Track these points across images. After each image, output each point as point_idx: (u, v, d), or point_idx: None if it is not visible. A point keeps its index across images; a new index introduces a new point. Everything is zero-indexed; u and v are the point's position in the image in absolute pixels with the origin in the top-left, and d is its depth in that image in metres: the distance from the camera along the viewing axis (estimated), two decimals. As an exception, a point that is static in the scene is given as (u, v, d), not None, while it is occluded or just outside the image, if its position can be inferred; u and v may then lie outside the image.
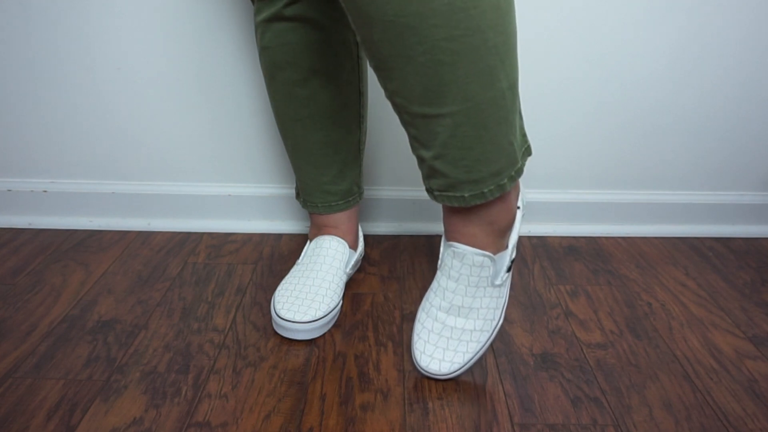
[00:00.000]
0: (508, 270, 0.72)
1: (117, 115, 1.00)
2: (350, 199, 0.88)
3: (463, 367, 0.69)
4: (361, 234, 0.95)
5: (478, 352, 0.70)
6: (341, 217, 0.88)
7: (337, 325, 0.80)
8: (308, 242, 0.89)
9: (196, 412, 0.64)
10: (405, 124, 0.67)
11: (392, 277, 0.92)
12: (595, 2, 0.93)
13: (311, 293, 0.79)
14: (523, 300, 0.87)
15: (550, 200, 1.06)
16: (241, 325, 0.79)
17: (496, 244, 0.71)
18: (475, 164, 0.64)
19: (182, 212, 1.05)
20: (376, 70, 0.63)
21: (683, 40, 0.96)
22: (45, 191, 1.04)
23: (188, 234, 1.04)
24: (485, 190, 0.66)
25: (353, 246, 0.89)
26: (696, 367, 0.74)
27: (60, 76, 0.97)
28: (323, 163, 0.84)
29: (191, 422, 0.63)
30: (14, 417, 0.63)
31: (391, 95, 0.65)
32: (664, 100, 1.00)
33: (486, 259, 0.69)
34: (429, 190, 0.70)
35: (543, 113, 1.01)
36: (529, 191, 1.06)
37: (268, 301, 0.85)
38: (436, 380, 0.70)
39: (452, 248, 0.70)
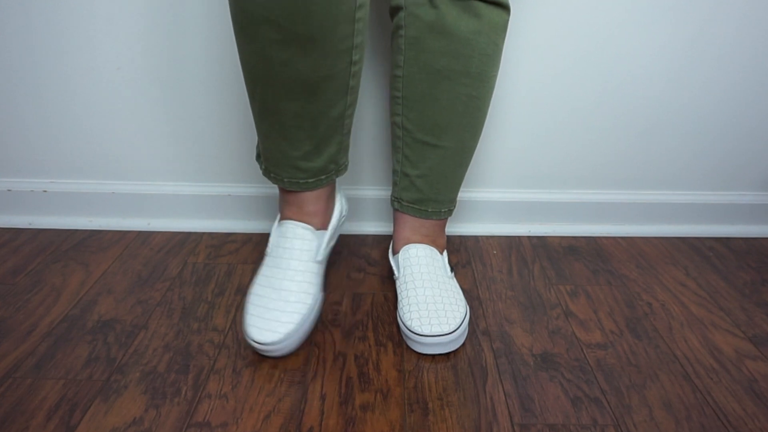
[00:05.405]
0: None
1: (117, 115, 1.00)
2: (323, 177, 0.75)
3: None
4: (343, 200, 0.85)
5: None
6: (308, 197, 0.76)
7: (337, 325, 0.80)
8: (277, 219, 0.81)
9: (196, 412, 0.64)
10: (403, 145, 0.80)
11: (392, 277, 0.92)
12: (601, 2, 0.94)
13: (281, 301, 0.73)
14: (523, 300, 0.87)
15: (550, 200, 1.06)
16: (241, 325, 0.79)
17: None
18: (444, 189, 0.81)
19: (182, 212, 1.05)
20: (404, 100, 0.76)
21: (683, 36, 0.96)
22: (45, 191, 1.04)
23: (188, 234, 1.04)
24: (442, 210, 0.83)
25: (323, 225, 0.80)
26: (696, 367, 0.74)
27: (60, 76, 0.97)
28: (296, 137, 0.70)
29: (191, 422, 0.63)
30: (14, 417, 0.63)
31: (403, 120, 0.78)
32: (664, 99, 1.00)
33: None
34: (398, 200, 0.83)
35: (542, 112, 1.01)
36: (530, 191, 1.06)
37: (268, 301, 0.85)
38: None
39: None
